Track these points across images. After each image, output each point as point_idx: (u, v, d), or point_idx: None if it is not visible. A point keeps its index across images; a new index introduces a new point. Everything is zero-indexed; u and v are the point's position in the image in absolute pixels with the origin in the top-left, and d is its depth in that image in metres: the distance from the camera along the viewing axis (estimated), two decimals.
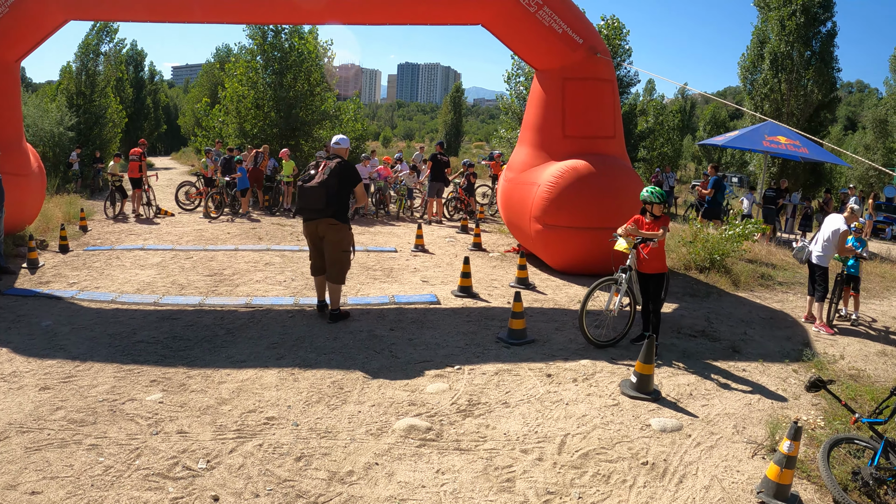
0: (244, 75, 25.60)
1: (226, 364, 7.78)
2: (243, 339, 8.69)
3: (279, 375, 7.47)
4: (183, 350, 8.22)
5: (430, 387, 7.29)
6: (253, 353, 8.19)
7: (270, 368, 7.67)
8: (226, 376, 7.39)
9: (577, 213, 12.50)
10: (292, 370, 7.64)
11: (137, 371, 7.47)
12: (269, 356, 8.09)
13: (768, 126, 21.41)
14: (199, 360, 7.90)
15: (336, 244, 9.43)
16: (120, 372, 7.42)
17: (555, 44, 13.17)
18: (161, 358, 7.92)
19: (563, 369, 7.96)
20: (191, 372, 7.49)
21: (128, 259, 13.63)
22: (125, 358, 7.87)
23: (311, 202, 9.21)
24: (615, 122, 14.01)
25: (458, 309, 10.61)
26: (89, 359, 7.78)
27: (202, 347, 8.34)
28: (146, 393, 6.89)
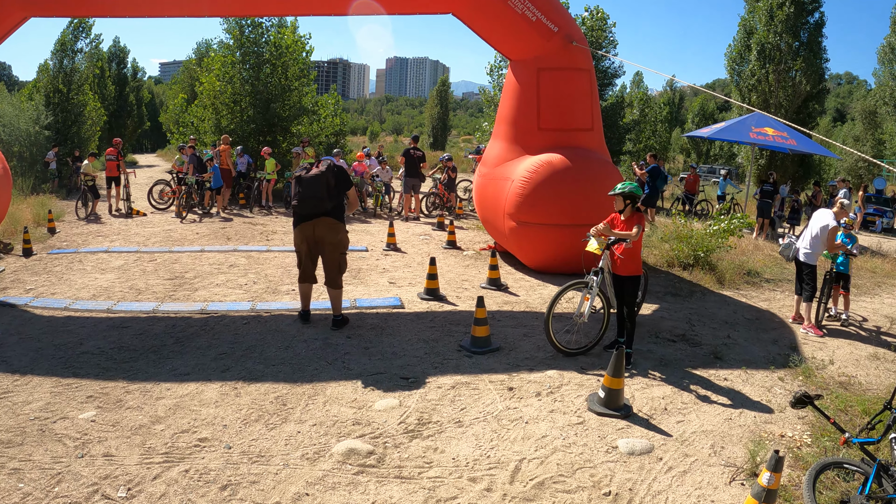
0: (220, 70, 25.15)
1: (168, 377, 7.41)
2: (191, 350, 8.31)
3: (221, 390, 7.10)
4: (127, 362, 7.85)
5: (379, 403, 6.84)
6: (198, 364, 7.81)
7: (213, 382, 7.30)
8: (165, 391, 7.02)
9: (553, 209, 12.10)
10: (236, 384, 7.26)
11: (76, 385, 7.11)
12: (214, 368, 7.71)
13: (755, 117, 21.08)
14: (142, 372, 7.53)
15: (335, 246, 9.06)
16: (58, 387, 7.06)
17: (528, 32, 12.74)
18: (103, 371, 7.55)
19: (526, 381, 7.49)
20: (130, 386, 7.12)
21: (90, 262, 13.24)
22: (66, 371, 7.50)
23: (313, 190, 8.83)
24: (593, 114, 13.55)
25: (422, 313, 10.23)
26: (30, 372, 7.41)
27: (147, 359, 7.97)
28: (80, 410, 6.52)
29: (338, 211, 9.08)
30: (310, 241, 9.09)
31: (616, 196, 8.18)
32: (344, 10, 12.38)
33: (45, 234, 16.39)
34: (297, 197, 8.95)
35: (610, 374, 6.67)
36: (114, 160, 20.81)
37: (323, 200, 8.85)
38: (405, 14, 13.52)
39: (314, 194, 8.83)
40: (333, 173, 9.01)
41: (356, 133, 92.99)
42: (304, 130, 25.71)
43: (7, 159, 25.49)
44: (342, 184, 9.12)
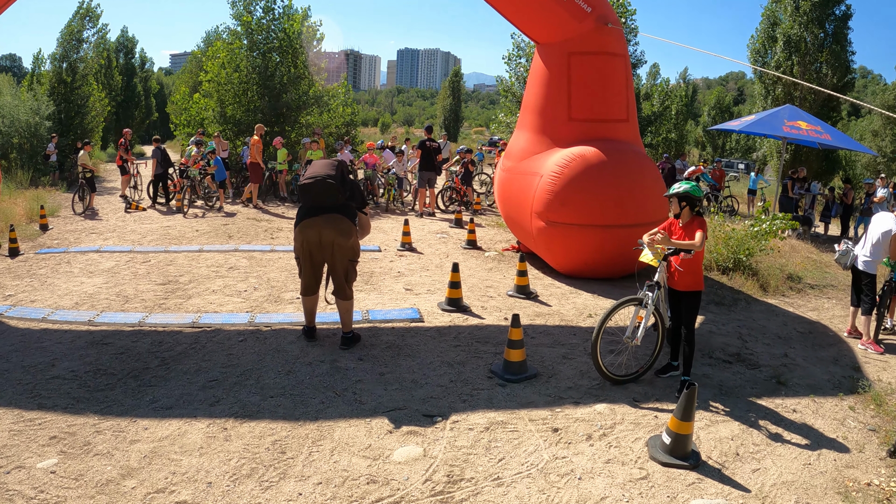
0: (226, 57, 24.07)
1: (147, 412, 6.23)
2: (177, 374, 7.12)
3: (207, 431, 5.91)
4: (102, 390, 6.68)
5: (399, 452, 5.65)
6: (184, 395, 6.62)
7: (199, 419, 6.11)
8: (142, 431, 5.84)
9: (586, 208, 10.98)
10: (226, 423, 6.07)
11: (39, 421, 5.98)
12: (201, 400, 6.52)
13: (787, 110, 19.94)
14: (117, 405, 6.36)
15: (346, 252, 7.82)
16: (19, 422, 5.94)
17: (559, 13, 11.58)
18: (73, 402, 6.39)
19: (573, 420, 6.30)
20: (102, 423, 5.96)
21: (78, 264, 12.13)
22: (31, 401, 6.37)
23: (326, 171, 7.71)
24: (628, 104, 12.36)
25: (444, 328, 9.00)
26: None
27: (125, 386, 6.79)
28: (40, 456, 5.38)
29: (349, 210, 7.87)
30: (313, 244, 7.77)
31: (671, 198, 7.06)
32: None
33: (37, 231, 15.33)
34: (307, 179, 7.72)
35: (678, 417, 5.52)
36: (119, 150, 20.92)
37: (335, 188, 7.62)
38: None
39: (327, 175, 7.61)
40: (346, 168, 7.92)
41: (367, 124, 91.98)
42: (314, 121, 24.60)
43: (7, 151, 24.68)
44: (353, 185, 7.97)
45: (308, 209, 7.75)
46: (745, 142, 68.24)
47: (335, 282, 7.97)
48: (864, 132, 50.96)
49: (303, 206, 7.84)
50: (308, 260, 7.89)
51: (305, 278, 8.01)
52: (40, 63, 31.53)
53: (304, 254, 7.86)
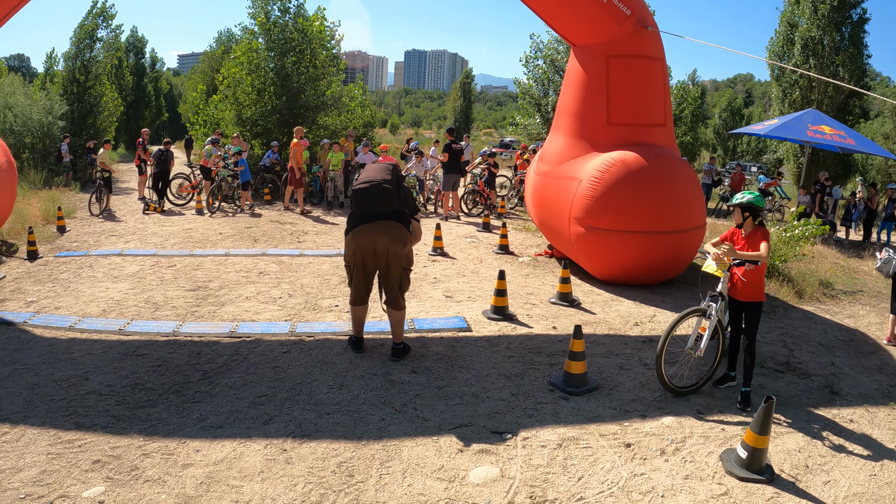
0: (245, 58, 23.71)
1: (196, 431, 5.78)
2: (222, 389, 6.68)
3: (266, 453, 5.47)
4: (143, 407, 6.23)
5: (475, 473, 5.29)
6: (233, 412, 6.19)
7: (255, 440, 5.67)
8: (194, 454, 5.40)
9: (627, 214, 10.65)
10: (284, 443, 5.64)
11: (79, 443, 5.52)
12: (254, 418, 6.08)
13: (811, 115, 19.72)
14: (162, 424, 5.91)
15: (401, 260, 7.43)
16: (57, 444, 5.48)
17: (598, 15, 11.28)
18: (113, 420, 5.93)
19: (643, 434, 6.01)
20: (148, 445, 5.51)
21: (101, 268, 11.70)
22: (67, 420, 5.91)
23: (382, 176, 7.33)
24: (665, 108, 12.07)
25: (493, 338, 8.59)
26: (22, 420, 5.85)
27: (168, 403, 6.34)
28: (84, 483, 4.93)
29: (404, 216, 7.46)
30: (367, 252, 7.35)
31: (734, 208, 6.83)
32: None
33: (54, 234, 14.87)
34: (361, 184, 7.28)
35: (755, 431, 5.34)
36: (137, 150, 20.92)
37: (391, 193, 7.23)
38: None
39: (383, 180, 7.22)
40: (399, 172, 7.53)
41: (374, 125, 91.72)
42: (331, 122, 24.22)
43: (20, 151, 24.29)
44: (406, 191, 7.57)
45: (361, 216, 7.33)
46: (756, 144, 67.80)
47: (388, 291, 7.56)
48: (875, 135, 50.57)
49: (355, 213, 7.42)
50: (361, 268, 7.47)
51: (357, 287, 7.58)
52: (54, 62, 31.16)
53: (357, 262, 7.44)
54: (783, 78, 35.26)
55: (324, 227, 16.76)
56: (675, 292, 11.07)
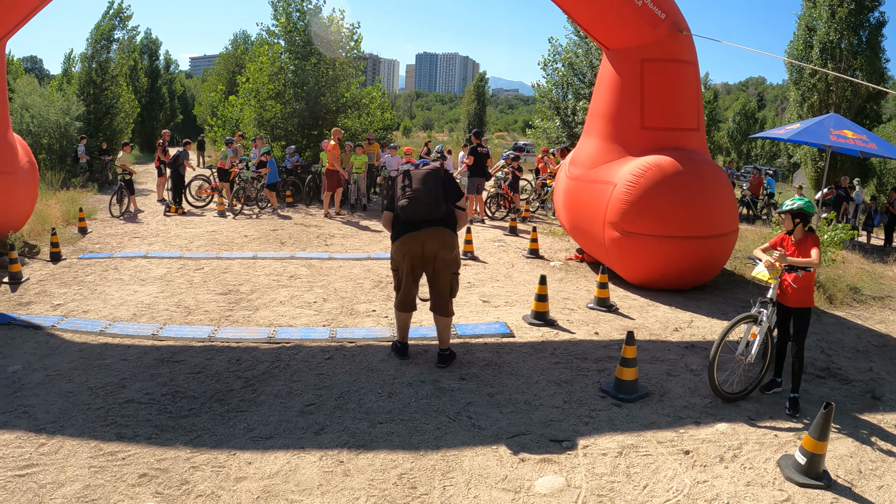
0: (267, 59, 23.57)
1: (245, 442, 5.54)
2: (267, 397, 6.43)
3: (322, 465, 5.23)
4: (186, 416, 5.99)
5: (540, 483, 5.10)
6: (282, 421, 5.94)
7: (308, 451, 5.43)
8: (246, 466, 5.15)
9: (662, 219, 10.49)
10: (339, 454, 5.40)
11: (123, 455, 5.26)
12: (304, 428, 5.84)
13: (832, 119, 19.44)
14: (209, 434, 5.67)
15: (449, 264, 7.25)
16: (98, 456, 5.22)
17: (633, 18, 11.13)
18: (156, 431, 5.69)
19: (699, 441, 5.91)
20: (196, 457, 5.27)
21: (127, 271, 11.49)
22: (108, 430, 5.65)
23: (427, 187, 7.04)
24: (698, 112, 11.94)
25: (537, 344, 8.36)
26: (60, 431, 5.60)
27: (212, 412, 6.10)
28: (132, 499, 4.69)
29: (452, 221, 7.22)
30: (416, 258, 7.15)
31: (784, 215, 6.83)
32: None
33: (76, 235, 14.68)
34: (407, 196, 7.00)
35: (815, 437, 5.32)
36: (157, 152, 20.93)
37: (439, 203, 7.00)
38: None
39: (429, 192, 6.96)
40: (444, 173, 7.25)
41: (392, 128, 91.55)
42: (351, 124, 24.06)
43: (36, 152, 24.13)
44: (453, 190, 7.29)
45: (408, 223, 7.10)
46: (770, 148, 67.51)
47: (437, 297, 7.36)
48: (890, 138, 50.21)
49: (402, 220, 7.16)
50: (409, 274, 7.27)
51: (405, 293, 7.36)
52: (72, 63, 31.04)
53: (406, 267, 7.24)
54: (801, 82, 35.03)
55: (350, 230, 16.55)
56: (709, 297, 10.90)
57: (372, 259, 12.98)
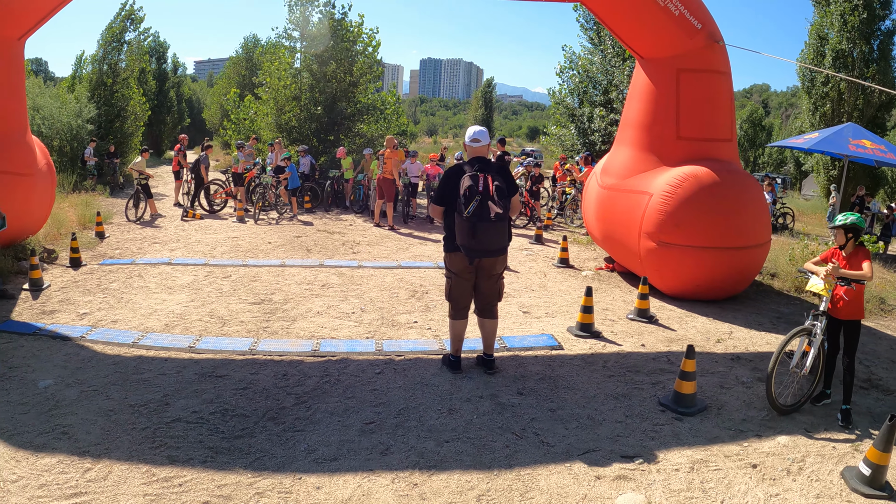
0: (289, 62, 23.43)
1: (309, 465, 5.26)
2: (323, 415, 6.16)
3: (395, 488, 4.97)
4: (240, 437, 5.69)
5: (621, 500, 5.00)
6: (343, 441, 5.67)
7: (378, 474, 5.17)
8: (314, 491, 4.87)
9: (699, 229, 10.39)
10: (411, 475, 5.15)
11: (179, 481, 4.95)
12: (368, 448, 5.58)
13: (851, 128, 19.49)
14: (268, 456, 5.37)
15: (502, 265, 7.20)
16: (152, 483, 4.91)
17: (670, 28, 11.06)
18: (211, 453, 5.37)
19: (764, 454, 5.88)
20: (259, 482, 4.98)
21: (152, 278, 11.23)
22: (158, 453, 5.33)
23: (496, 240, 6.78)
24: (732, 123, 11.88)
25: (587, 356, 8.16)
26: (105, 454, 5.28)
27: (267, 431, 5.82)
28: None
29: (509, 223, 7.04)
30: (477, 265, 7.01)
31: (836, 230, 6.87)
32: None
33: (93, 240, 14.42)
34: (473, 247, 6.74)
35: (879, 449, 5.35)
36: (177, 156, 21.18)
37: (507, 228, 6.89)
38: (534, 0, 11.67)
39: (497, 245, 6.83)
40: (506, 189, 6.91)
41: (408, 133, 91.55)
42: (366, 129, 23.89)
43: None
44: (512, 187, 7.09)
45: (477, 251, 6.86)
46: (777, 156, 67.39)
47: (487, 300, 7.23)
48: None
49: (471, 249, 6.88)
50: (469, 280, 7.12)
51: (464, 299, 7.19)
52: (83, 65, 30.80)
53: (464, 277, 7.08)
54: (814, 90, 34.89)
55: (375, 236, 16.35)
56: (742, 308, 10.77)
57: (402, 268, 12.75)
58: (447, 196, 6.93)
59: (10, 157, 10.87)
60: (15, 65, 11.60)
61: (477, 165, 6.92)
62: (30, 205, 11.79)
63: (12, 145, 11.11)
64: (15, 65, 11.60)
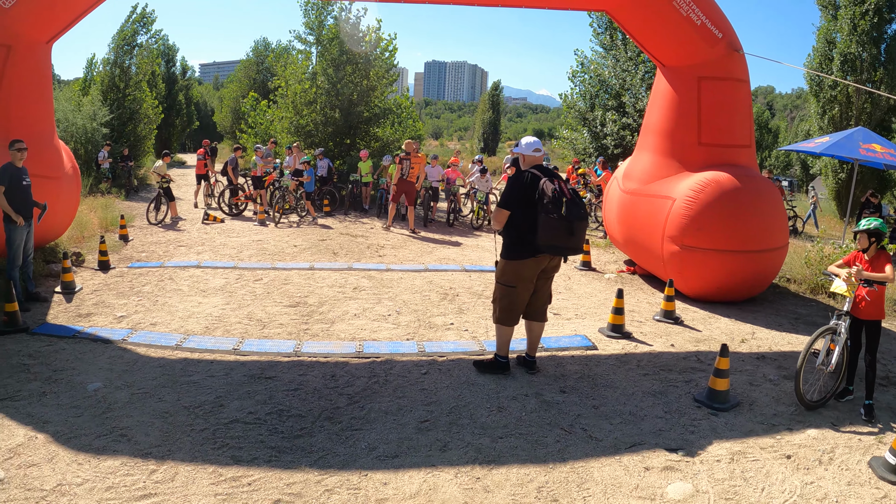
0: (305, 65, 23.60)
1: (372, 462, 5.46)
2: (378, 415, 6.36)
3: (459, 482, 5.18)
4: (300, 436, 5.85)
5: (672, 489, 5.27)
6: (402, 439, 5.88)
7: (441, 469, 5.38)
8: (382, 487, 5.08)
9: (721, 233, 10.69)
10: (472, 470, 5.36)
11: (247, 480, 5.07)
12: (427, 445, 5.79)
13: (861, 133, 19.71)
14: (331, 455, 5.54)
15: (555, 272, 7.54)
16: (221, 483, 5.03)
17: (692, 37, 11.35)
18: (274, 452, 5.52)
19: (796, 446, 6.21)
20: (327, 479, 5.15)
21: (184, 281, 11.41)
22: (221, 453, 5.45)
23: (584, 237, 7.18)
24: (750, 130, 12.20)
25: (621, 356, 8.45)
26: (168, 455, 5.38)
27: (326, 431, 5.99)
28: None
29: None
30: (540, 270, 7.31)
31: (860, 234, 7.18)
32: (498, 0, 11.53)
33: (118, 243, 14.53)
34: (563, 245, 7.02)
35: None
36: (202, 159, 21.53)
37: None
38: (559, 9, 12.20)
39: (581, 244, 7.16)
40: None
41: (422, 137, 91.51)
42: (381, 133, 24.07)
43: None
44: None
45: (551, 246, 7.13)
46: (784, 158, 67.46)
47: (542, 302, 7.56)
48: None
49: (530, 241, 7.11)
50: (532, 286, 7.37)
51: (522, 306, 7.40)
52: (93, 67, 30.94)
53: (531, 281, 7.31)
54: (822, 94, 34.96)
55: (398, 240, 16.53)
56: (762, 309, 11.05)
57: (430, 271, 12.97)
58: (520, 201, 7.09)
59: (39, 160, 11.00)
60: (43, 68, 11.76)
61: (546, 172, 7.21)
62: (56, 208, 11.95)
63: (42, 148, 11.25)
64: (43, 68, 11.76)
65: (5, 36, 10.50)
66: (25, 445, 5.43)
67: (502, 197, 7.23)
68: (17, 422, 5.85)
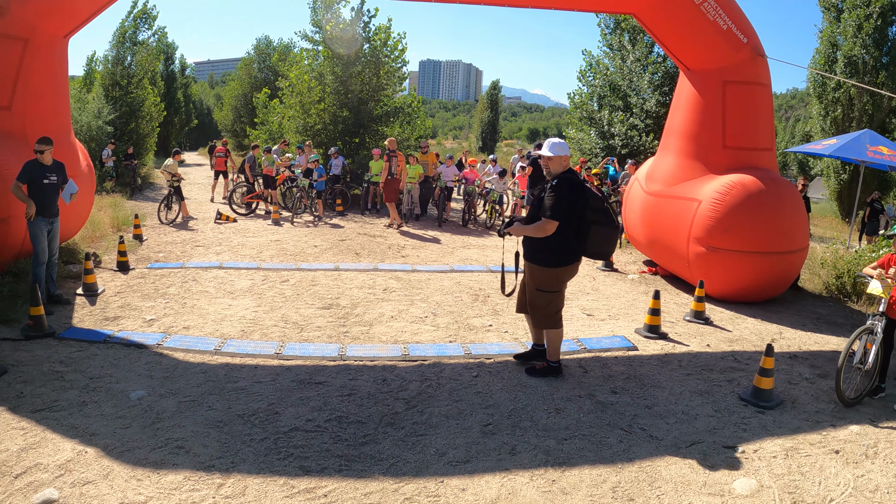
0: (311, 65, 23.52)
1: (444, 468, 5.42)
2: (439, 419, 6.34)
3: (535, 485, 5.20)
4: (365, 443, 5.74)
5: (738, 485, 5.41)
6: (469, 443, 5.86)
7: (515, 472, 5.38)
8: (461, 493, 5.06)
9: (747, 235, 10.87)
10: (546, 472, 5.40)
11: (322, 491, 4.95)
12: (496, 449, 5.78)
13: (868, 135, 19.90)
14: (402, 462, 5.46)
15: None
16: (294, 495, 4.89)
17: (717, 41, 11.54)
18: (342, 462, 5.39)
19: (842, 441, 6.40)
20: (404, 487, 5.10)
21: (208, 282, 11.29)
22: (288, 464, 5.30)
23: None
24: (772, 133, 12.39)
25: (662, 356, 8.55)
26: (232, 468, 5.20)
27: (390, 437, 5.90)
28: None
29: None
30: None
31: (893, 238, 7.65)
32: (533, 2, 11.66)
33: (133, 243, 14.30)
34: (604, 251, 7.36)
35: None
36: (223, 157, 22.50)
37: None
38: (588, 11, 12.43)
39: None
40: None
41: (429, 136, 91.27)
42: (390, 132, 24.02)
43: None
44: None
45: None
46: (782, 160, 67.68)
47: None
48: None
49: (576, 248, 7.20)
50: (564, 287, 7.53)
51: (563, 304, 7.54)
52: (94, 65, 30.71)
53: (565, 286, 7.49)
54: (825, 96, 35.06)
55: (415, 240, 16.50)
56: (784, 310, 11.21)
57: (456, 272, 12.99)
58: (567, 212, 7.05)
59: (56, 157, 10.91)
60: (60, 63, 11.69)
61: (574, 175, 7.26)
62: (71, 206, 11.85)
63: (59, 145, 11.08)
64: (60, 63, 11.69)
65: (23, 30, 10.38)
66: (75, 461, 5.18)
67: (552, 208, 6.97)
68: (61, 434, 5.60)
